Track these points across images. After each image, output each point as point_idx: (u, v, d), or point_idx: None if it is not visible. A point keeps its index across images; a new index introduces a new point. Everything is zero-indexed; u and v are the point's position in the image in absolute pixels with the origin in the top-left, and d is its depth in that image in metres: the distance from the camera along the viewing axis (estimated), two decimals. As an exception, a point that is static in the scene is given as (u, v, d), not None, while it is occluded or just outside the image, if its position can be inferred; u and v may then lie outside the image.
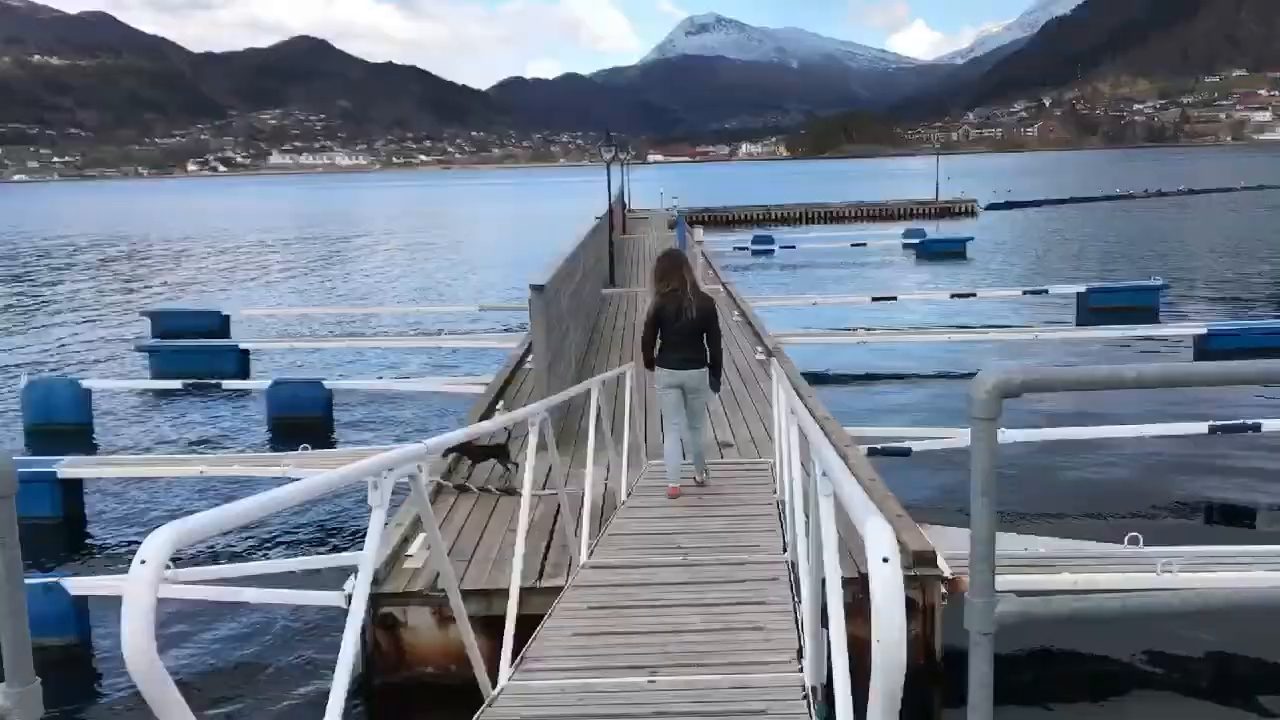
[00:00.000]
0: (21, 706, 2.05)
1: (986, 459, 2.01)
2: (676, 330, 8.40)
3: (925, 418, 14.72)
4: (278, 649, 8.18)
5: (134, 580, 2.03)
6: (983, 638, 2.02)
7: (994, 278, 33.49)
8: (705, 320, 8.46)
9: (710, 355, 8.55)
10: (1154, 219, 59.08)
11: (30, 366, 21.78)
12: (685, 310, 8.38)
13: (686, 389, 8.51)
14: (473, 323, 26.17)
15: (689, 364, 8.46)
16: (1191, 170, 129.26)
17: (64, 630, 7.98)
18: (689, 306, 8.39)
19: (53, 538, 11.04)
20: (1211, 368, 2.12)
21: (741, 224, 61.78)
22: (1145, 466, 12.68)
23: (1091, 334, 21.04)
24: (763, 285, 32.91)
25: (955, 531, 7.94)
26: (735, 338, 17.97)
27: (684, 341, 8.43)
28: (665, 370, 8.49)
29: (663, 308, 8.44)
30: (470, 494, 9.36)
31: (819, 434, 3.68)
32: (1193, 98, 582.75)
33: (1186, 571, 7.37)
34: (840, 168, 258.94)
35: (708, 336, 8.49)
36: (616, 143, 37.74)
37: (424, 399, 17.48)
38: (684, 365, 8.45)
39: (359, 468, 3.39)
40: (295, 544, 10.71)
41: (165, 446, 15.43)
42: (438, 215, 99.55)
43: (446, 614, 6.91)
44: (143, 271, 46.96)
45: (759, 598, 5.85)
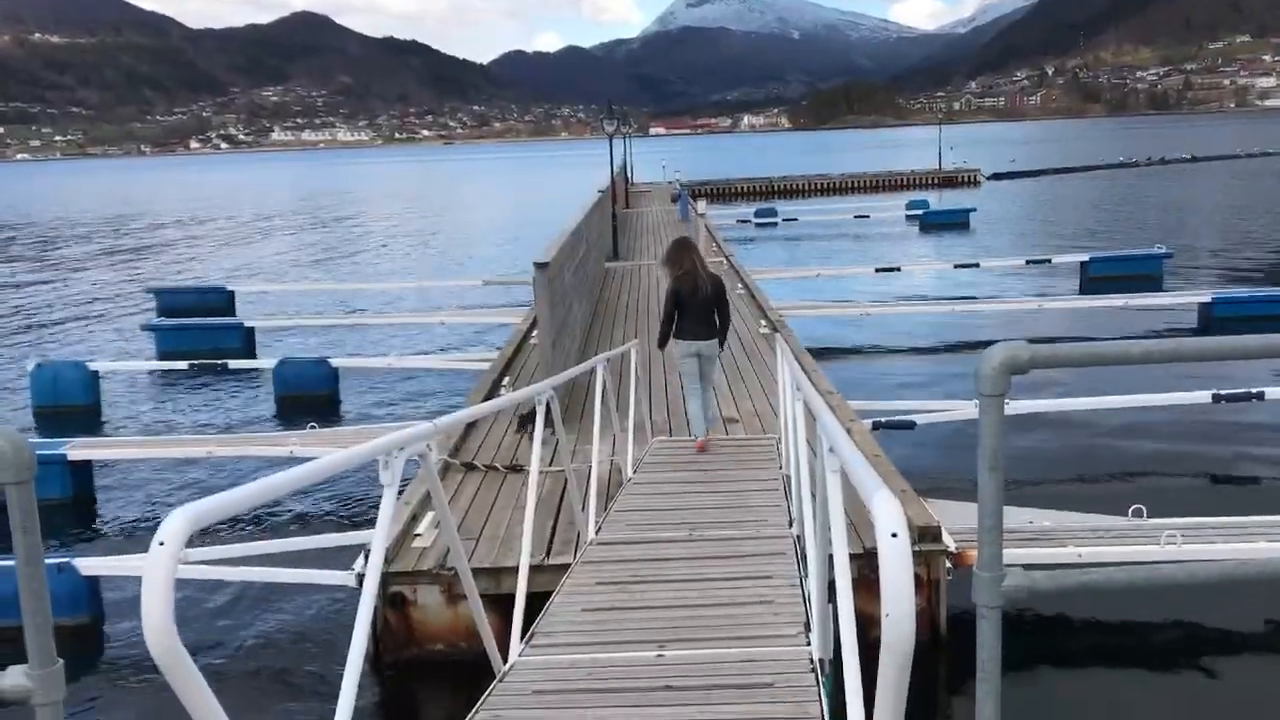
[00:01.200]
0: (44, 687, 2.08)
1: (994, 435, 2.02)
2: (694, 306, 9.32)
3: (929, 390, 14.76)
4: (290, 627, 8.25)
5: (153, 562, 2.06)
6: (991, 611, 2.04)
7: (997, 248, 33.41)
8: (718, 295, 9.44)
9: (720, 323, 9.54)
10: (1157, 187, 58.86)
11: (37, 349, 21.83)
12: (701, 288, 9.29)
13: (703, 357, 9.41)
14: (477, 298, 26.18)
15: (705, 335, 9.38)
16: (1195, 138, 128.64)
17: (76, 610, 8.05)
18: (704, 284, 9.32)
19: (63, 518, 11.10)
20: (1219, 343, 2.13)
21: (744, 196, 61.65)
22: (1149, 436, 12.69)
23: (1095, 303, 21.01)
24: (766, 258, 32.87)
25: (959, 505, 7.98)
26: (739, 311, 17.96)
27: (700, 315, 9.35)
28: (684, 342, 9.39)
29: (680, 289, 9.32)
30: (478, 472, 9.40)
31: (825, 410, 3.70)
32: (1196, 65, 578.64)
33: (1190, 543, 7.41)
34: (843, 138, 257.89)
35: (719, 309, 9.46)
36: (618, 116, 37.62)
37: (429, 375, 17.52)
38: (700, 336, 9.37)
39: (370, 447, 3.41)
40: (305, 521, 10.76)
41: (173, 427, 15.49)
42: (440, 190, 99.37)
43: (456, 592, 6.96)
44: (147, 249, 46.95)
45: (766, 572, 5.88)
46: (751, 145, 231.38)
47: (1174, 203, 49.06)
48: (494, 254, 37.84)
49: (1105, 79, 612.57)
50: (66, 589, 7.94)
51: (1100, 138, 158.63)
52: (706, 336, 9.37)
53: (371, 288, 29.68)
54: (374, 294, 28.57)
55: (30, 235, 58.07)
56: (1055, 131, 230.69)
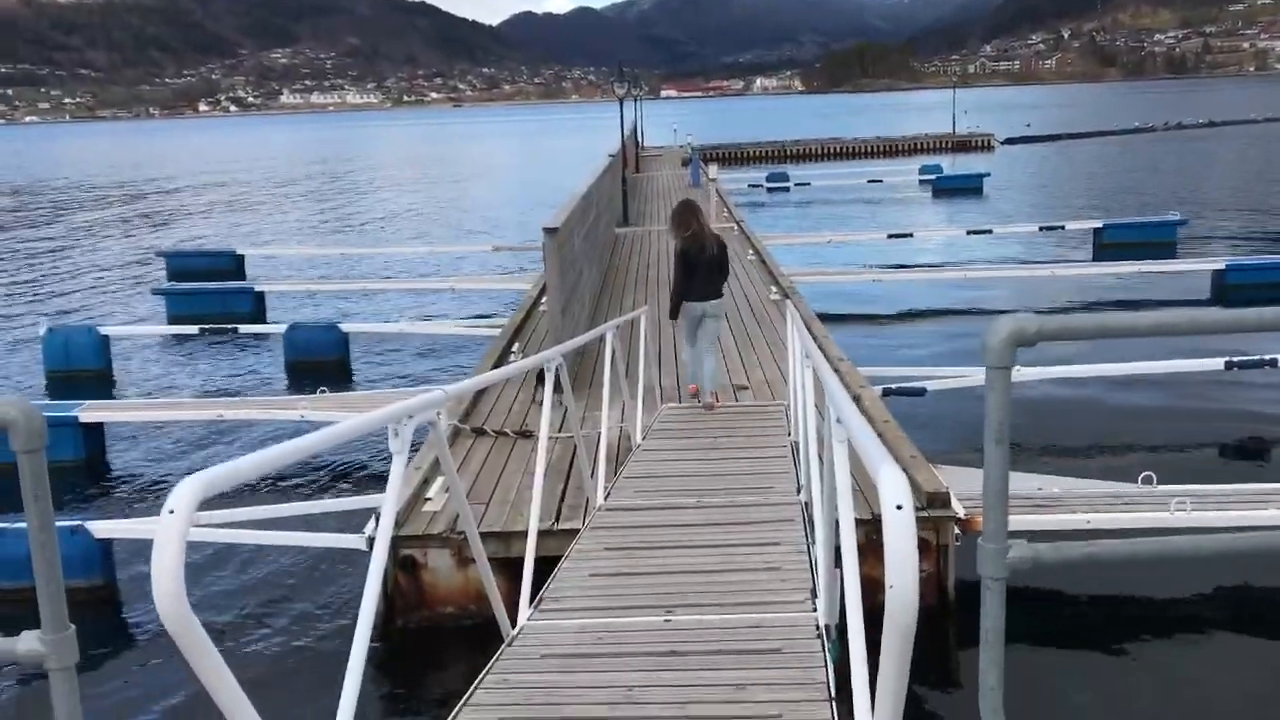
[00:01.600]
0: (58, 652, 2.11)
1: (1001, 407, 2.03)
2: (702, 266, 9.56)
3: (940, 357, 14.72)
4: (300, 591, 8.32)
5: (163, 529, 2.08)
6: (995, 583, 2.05)
7: (1010, 214, 33.23)
8: (723, 254, 9.74)
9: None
10: (1173, 153, 58.34)
11: (49, 313, 21.92)
12: (708, 248, 9.57)
13: (708, 315, 9.67)
14: (487, 263, 26.17)
15: (712, 294, 9.65)
16: (1213, 102, 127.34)
17: (89, 573, 8.12)
18: (710, 245, 9.60)
19: (75, 481, 11.19)
20: (1230, 315, 2.12)
21: (756, 160, 61.34)
22: (1160, 403, 12.67)
23: (1107, 269, 20.91)
24: (777, 223, 32.75)
25: (969, 472, 7.98)
26: (749, 277, 17.94)
27: (707, 276, 9.59)
28: (692, 303, 9.63)
29: (687, 250, 9.57)
30: (487, 437, 9.44)
31: (835, 381, 3.70)
32: (1215, 27, 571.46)
33: (1200, 510, 7.41)
34: (856, 101, 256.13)
35: (722, 268, 9.75)
36: (629, 78, 37.40)
37: (439, 341, 17.55)
38: (708, 296, 9.63)
39: (380, 415, 3.43)
40: (315, 486, 10.83)
41: (184, 390, 15.57)
42: (449, 154, 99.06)
43: (466, 555, 7.01)
44: (157, 213, 46.98)
45: (773, 539, 5.91)
46: (764, 108, 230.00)
47: (1190, 168, 48.65)
48: (504, 219, 37.77)
49: (1122, 42, 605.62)
50: (80, 552, 8.01)
51: (1116, 102, 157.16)
52: (714, 296, 9.65)
53: (381, 253, 29.67)
54: (384, 259, 28.57)
55: (40, 199, 58.13)
56: (1071, 96, 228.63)
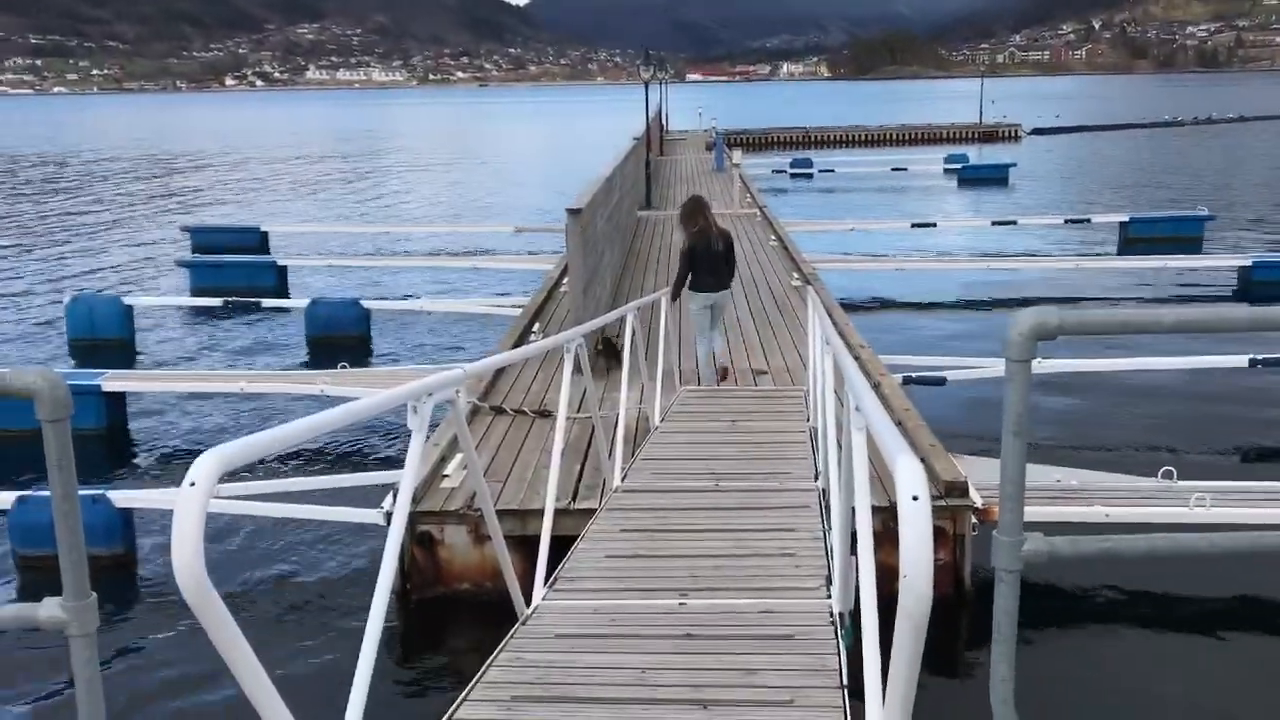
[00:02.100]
0: (79, 619, 2.14)
1: (1020, 399, 2.03)
2: (708, 260, 10.08)
3: (962, 347, 14.65)
4: (318, 564, 8.39)
5: (183, 502, 2.10)
6: (1009, 575, 2.05)
7: (1036, 205, 33.02)
8: (729, 249, 10.27)
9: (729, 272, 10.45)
10: (1202, 147, 57.78)
11: (73, 282, 22.07)
12: (714, 244, 10.09)
13: (716, 306, 10.30)
14: (509, 243, 26.18)
15: (718, 287, 10.21)
16: (1244, 96, 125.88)
17: (111, 542, 8.20)
18: (715, 240, 10.10)
19: (97, 450, 11.30)
20: (1252, 312, 2.11)
21: (780, 146, 61.07)
22: (1182, 399, 12.59)
23: (1132, 264, 20.78)
24: (800, 209, 32.58)
25: (988, 462, 7.96)
26: (771, 263, 17.90)
27: (714, 268, 10.14)
28: (701, 294, 10.13)
29: (695, 246, 10.08)
30: (506, 416, 9.47)
31: (854, 368, 3.70)
32: (1248, 21, 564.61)
33: (1219, 506, 7.37)
34: (883, 89, 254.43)
35: (729, 260, 10.31)
36: (655, 61, 37.24)
37: (460, 319, 17.60)
38: (715, 289, 10.17)
39: (400, 392, 3.45)
40: (334, 461, 10.90)
41: (205, 362, 15.67)
42: (474, 134, 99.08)
43: (482, 533, 7.05)
44: (182, 186, 47.20)
45: (789, 525, 5.91)
46: (789, 94, 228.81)
47: (1218, 163, 48.18)
48: (527, 200, 37.76)
49: (1154, 34, 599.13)
50: (101, 521, 8.09)
51: (1146, 95, 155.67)
52: (720, 288, 10.21)
53: (404, 230, 29.72)
54: (407, 237, 28.63)
55: (67, 169, 58.47)
56: (1100, 87, 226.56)
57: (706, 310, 10.18)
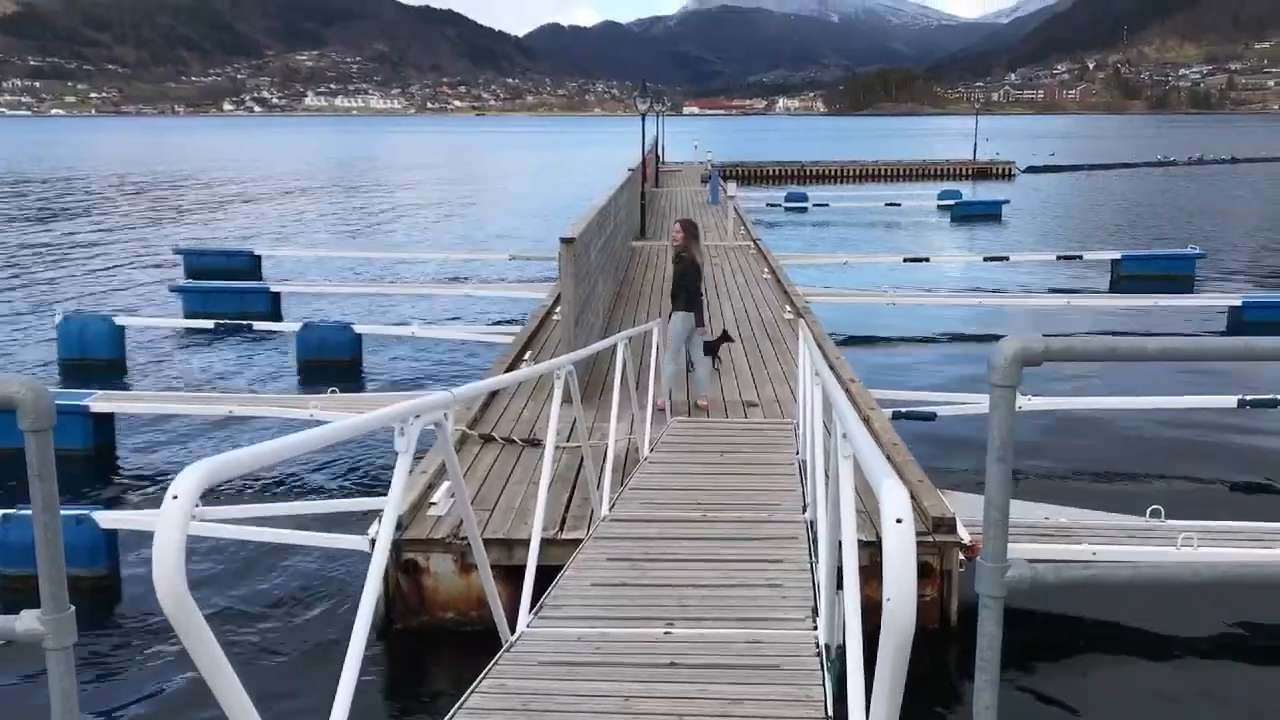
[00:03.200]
0: (56, 632, 2.12)
1: (1004, 426, 2.03)
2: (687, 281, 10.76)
3: (952, 382, 14.68)
4: (301, 589, 8.33)
5: (166, 515, 2.09)
6: (993, 601, 2.05)
7: (1028, 242, 33.19)
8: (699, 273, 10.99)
9: None
10: (1194, 187, 58.18)
11: (65, 301, 22.03)
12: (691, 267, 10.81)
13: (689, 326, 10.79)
14: (503, 271, 26.21)
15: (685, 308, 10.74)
16: (1236, 138, 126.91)
17: (94, 562, 8.14)
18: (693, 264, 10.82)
19: (83, 470, 11.23)
20: (1234, 343, 2.12)
21: (775, 179, 61.33)
22: (1171, 439, 12.60)
23: (1124, 302, 20.85)
24: (794, 242, 32.72)
25: (976, 498, 7.94)
26: (764, 296, 17.94)
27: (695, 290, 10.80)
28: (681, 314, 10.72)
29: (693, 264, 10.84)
30: (495, 444, 9.45)
31: (841, 396, 3.70)
32: (1240, 64, 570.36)
33: (1207, 546, 7.37)
34: (878, 125, 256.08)
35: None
36: (651, 94, 37.45)
37: (452, 346, 17.59)
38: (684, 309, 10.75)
39: (387, 413, 3.44)
40: (321, 486, 10.85)
41: (196, 384, 15.62)
42: (471, 162, 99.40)
43: (468, 561, 7.01)
44: (177, 209, 47.22)
45: (777, 556, 5.90)
46: (785, 128, 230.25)
47: (1210, 203, 48.51)
48: (521, 228, 37.84)
49: (1147, 75, 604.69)
50: (85, 541, 8.03)
51: (1139, 135, 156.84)
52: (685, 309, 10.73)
53: (398, 257, 29.75)
54: (400, 263, 28.65)
55: (63, 190, 58.49)
56: (1094, 127, 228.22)
57: (687, 331, 10.71)
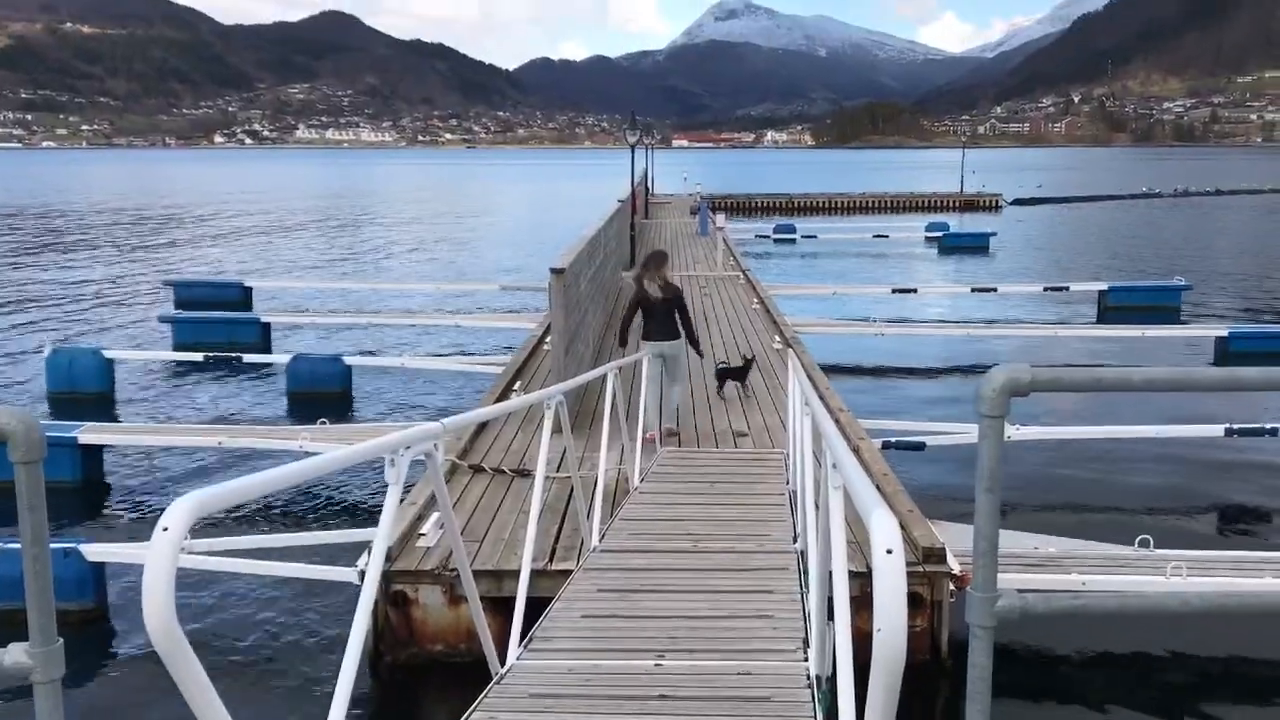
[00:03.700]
0: (44, 666, 2.10)
1: (993, 456, 2.04)
2: (650, 308, 10.60)
3: (941, 412, 14.71)
4: (290, 621, 8.27)
5: (155, 547, 2.08)
6: (983, 631, 2.05)
7: (1016, 273, 33.38)
8: (672, 301, 10.63)
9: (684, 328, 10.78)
10: (1180, 219, 58.62)
11: (54, 334, 21.97)
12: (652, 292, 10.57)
13: (667, 357, 10.73)
14: (493, 302, 26.24)
15: (663, 336, 10.65)
16: (1220, 171, 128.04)
17: (81, 595, 8.08)
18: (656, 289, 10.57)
19: (71, 503, 11.16)
20: (1218, 373, 2.14)
21: (764, 211, 61.68)
22: (1160, 468, 12.63)
23: (1111, 333, 20.96)
24: (783, 274, 32.86)
25: (966, 528, 7.95)
26: (753, 326, 17.98)
27: (658, 318, 10.62)
28: (648, 342, 10.65)
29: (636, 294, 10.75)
30: (485, 474, 9.43)
31: (831, 426, 3.71)
32: (1223, 98, 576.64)
33: (1196, 575, 7.37)
34: (865, 157, 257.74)
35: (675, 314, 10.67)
36: (641, 127, 37.67)
37: (442, 377, 17.57)
38: (660, 337, 10.65)
39: (377, 444, 3.44)
40: (311, 517, 10.80)
41: (185, 416, 15.57)
42: (461, 194, 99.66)
43: (457, 593, 6.98)
44: (167, 241, 47.18)
45: (767, 587, 5.89)
46: (774, 161, 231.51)
47: (1196, 235, 48.87)
48: (512, 259, 37.93)
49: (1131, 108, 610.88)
50: (72, 574, 7.98)
51: (1124, 167, 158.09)
52: (665, 337, 10.66)
53: (388, 288, 29.77)
54: (390, 294, 28.67)
55: (52, 222, 58.43)
56: (1080, 159, 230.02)
57: (657, 359, 10.62)
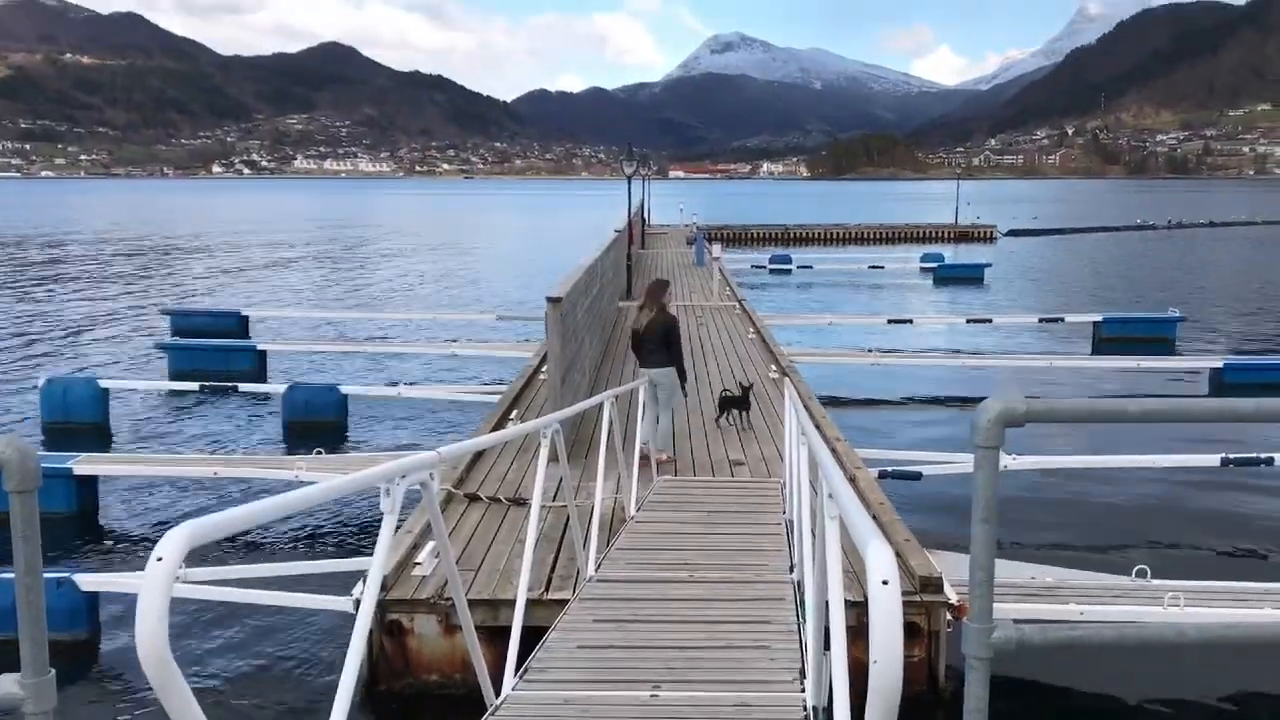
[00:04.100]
0: (36, 697, 2.09)
1: (988, 486, 2.04)
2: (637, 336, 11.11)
3: (937, 442, 14.69)
4: (285, 651, 8.23)
5: (150, 576, 2.07)
6: (979, 662, 2.05)
7: (1010, 304, 33.47)
8: (656, 330, 10.96)
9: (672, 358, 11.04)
10: (1174, 250, 58.89)
11: (50, 363, 21.94)
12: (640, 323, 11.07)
13: (657, 384, 10.95)
14: (490, 331, 26.25)
15: (651, 364, 11.01)
16: (1213, 203, 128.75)
17: (74, 626, 8.04)
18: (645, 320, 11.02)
19: (65, 533, 11.11)
20: (1213, 404, 2.15)
21: (760, 242, 61.87)
22: (1156, 498, 12.63)
23: (1106, 364, 20.99)
24: (779, 304, 32.93)
25: (962, 557, 7.92)
26: (749, 355, 18.00)
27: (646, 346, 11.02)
28: (640, 369, 11.13)
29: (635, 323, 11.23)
30: (481, 503, 9.40)
31: (827, 456, 3.71)
32: (1216, 130, 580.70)
33: (1193, 606, 7.35)
34: (860, 189, 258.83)
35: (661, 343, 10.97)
36: (637, 157, 37.84)
37: (439, 406, 17.54)
38: (648, 365, 11.02)
39: (373, 473, 3.43)
40: (306, 546, 10.76)
41: (180, 446, 15.52)
42: (458, 224, 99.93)
43: (453, 623, 6.95)
44: (164, 270, 47.23)
45: (764, 617, 5.87)
46: (769, 192, 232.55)
47: (1190, 267, 49.07)
48: (509, 288, 38.00)
49: (1125, 141, 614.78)
50: (65, 604, 7.94)
51: (1118, 199, 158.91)
52: (652, 365, 10.95)
53: (385, 317, 29.78)
54: (387, 323, 28.66)
55: (49, 251, 58.50)
56: (1074, 191, 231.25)
57: (651, 387, 10.86)
